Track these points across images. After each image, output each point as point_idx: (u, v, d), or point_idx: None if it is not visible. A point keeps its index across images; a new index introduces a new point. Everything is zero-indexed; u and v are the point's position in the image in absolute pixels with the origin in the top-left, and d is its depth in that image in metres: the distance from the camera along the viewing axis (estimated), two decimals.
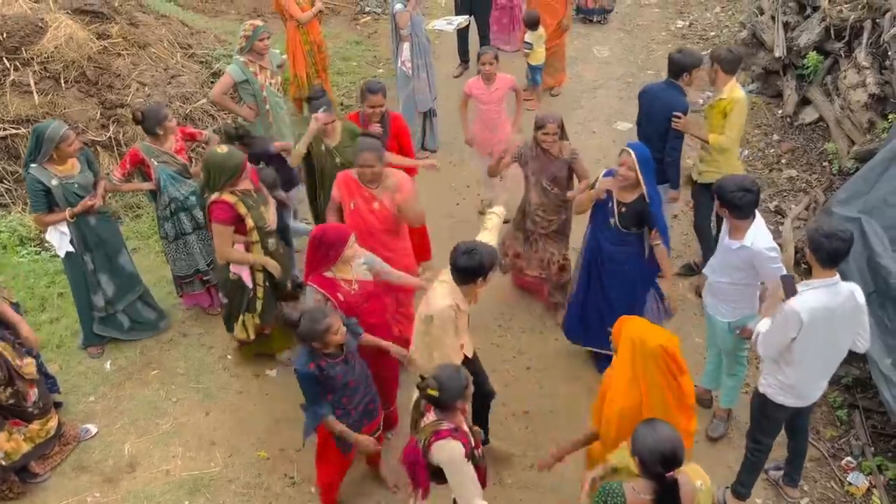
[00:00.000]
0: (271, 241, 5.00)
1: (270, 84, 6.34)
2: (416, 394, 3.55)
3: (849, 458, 4.78)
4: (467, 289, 3.94)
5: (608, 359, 5.19)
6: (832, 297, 3.69)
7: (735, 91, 5.31)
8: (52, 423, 4.79)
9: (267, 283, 5.06)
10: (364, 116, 5.57)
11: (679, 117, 5.30)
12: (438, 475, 3.39)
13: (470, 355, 4.33)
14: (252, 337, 5.24)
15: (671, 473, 2.92)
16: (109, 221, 5.43)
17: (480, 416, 4.60)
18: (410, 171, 5.51)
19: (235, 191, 4.77)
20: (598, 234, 4.99)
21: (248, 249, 4.91)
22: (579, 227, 5.45)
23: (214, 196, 4.75)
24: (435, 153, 7.76)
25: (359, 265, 4.32)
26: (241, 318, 5.15)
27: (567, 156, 5.26)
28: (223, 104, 6.43)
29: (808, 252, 3.70)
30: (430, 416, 3.41)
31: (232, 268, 4.95)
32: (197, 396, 5.35)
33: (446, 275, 3.98)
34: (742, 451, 4.52)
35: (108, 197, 6.76)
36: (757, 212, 4.22)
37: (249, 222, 4.80)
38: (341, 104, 8.54)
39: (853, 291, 3.75)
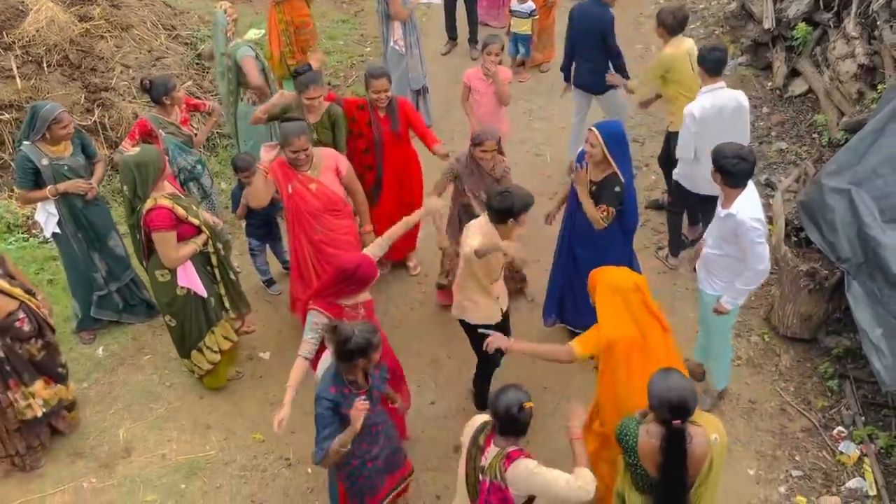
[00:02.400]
0: (217, 241, 4.88)
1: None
2: (470, 430, 3.39)
3: (840, 428, 4.83)
4: (503, 228, 4.18)
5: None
6: (717, 99, 5.01)
7: (665, 48, 5.64)
8: (73, 389, 4.88)
9: (228, 275, 5.00)
10: (371, 104, 5.39)
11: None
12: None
13: (504, 308, 4.62)
14: (217, 360, 5.06)
15: (678, 421, 3.00)
16: (99, 205, 5.38)
17: (483, 385, 4.94)
18: (433, 139, 5.54)
19: (166, 195, 4.59)
20: (575, 212, 4.97)
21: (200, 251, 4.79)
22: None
23: (148, 204, 4.50)
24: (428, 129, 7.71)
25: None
26: (201, 343, 4.96)
27: (499, 174, 5.09)
28: (264, 89, 6.17)
29: (697, 66, 4.85)
30: (490, 450, 3.24)
31: (180, 280, 4.69)
32: (190, 380, 5.34)
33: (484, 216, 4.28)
34: (736, 424, 4.57)
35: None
36: (752, 183, 4.21)
37: (194, 220, 4.66)
38: (329, 83, 8.46)
39: (737, 96, 5.09)
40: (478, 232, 4.23)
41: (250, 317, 5.56)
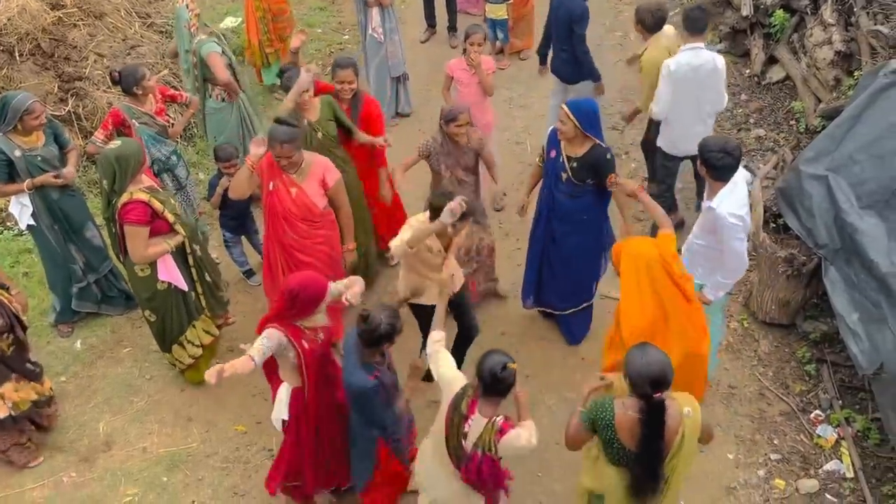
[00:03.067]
0: (192, 236, 4.82)
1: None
2: (444, 400, 3.51)
3: (817, 412, 4.90)
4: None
5: (576, 326, 5.34)
6: (696, 58, 5.24)
7: (650, 50, 5.64)
8: (48, 385, 4.78)
9: (207, 278, 4.94)
10: (335, 94, 5.29)
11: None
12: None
13: (456, 289, 4.62)
14: (199, 354, 5.04)
15: (658, 394, 3.05)
16: (74, 195, 5.30)
17: (461, 351, 4.88)
18: (380, 153, 5.43)
19: (143, 188, 4.53)
20: (553, 190, 4.92)
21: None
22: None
23: (124, 197, 4.44)
24: (409, 117, 7.69)
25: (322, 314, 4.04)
26: (182, 337, 4.92)
27: (475, 144, 5.10)
28: (233, 85, 6.09)
29: (682, 24, 5.05)
30: (475, 418, 3.35)
31: (160, 274, 4.65)
32: (171, 373, 5.30)
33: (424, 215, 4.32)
34: (716, 409, 4.60)
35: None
36: (742, 179, 4.20)
37: (169, 216, 4.59)
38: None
39: (714, 57, 5.30)
40: (410, 226, 4.28)
41: (230, 308, 5.52)
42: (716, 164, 4.11)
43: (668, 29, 5.76)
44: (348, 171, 5.15)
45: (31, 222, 5.13)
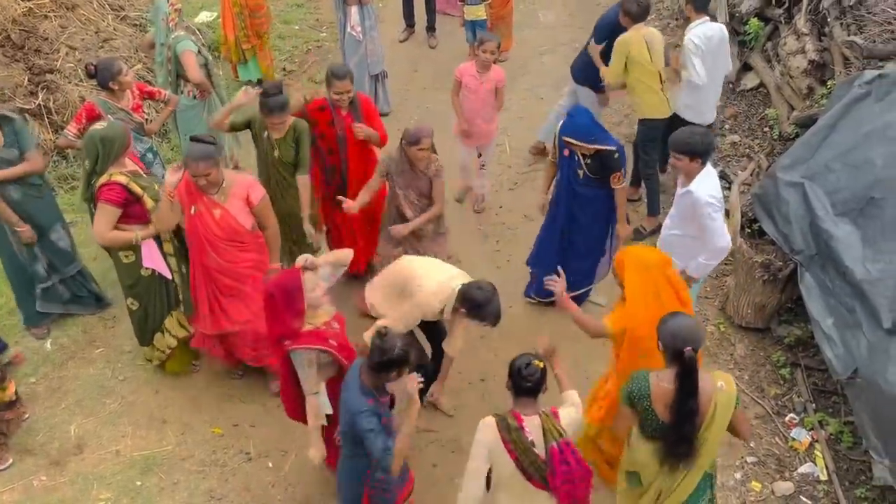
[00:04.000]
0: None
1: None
2: (487, 435, 3.41)
3: (792, 415, 4.97)
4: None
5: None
6: (709, 29, 5.68)
7: (630, 31, 5.76)
8: (12, 390, 4.65)
9: (183, 270, 4.82)
10: (332, 104, 5.18)
11: None
12: None
13: None
14: (174, 345, 4.96)
15: (689, 349, 3.19)
16: (41, 197, 5.10)
17: (435, 374, 4.84)
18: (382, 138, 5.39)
19: (125, 171, 4.50)
20: (571, 183, 5.16)
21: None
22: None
23: (104, 179, 4.43)
24: (387, 116, 7.65)
25: (323, 302, 3.91)
26: (163, 325, 4.87)
27: (432, 173, 5.00)
28: (205, 85, 6.01)
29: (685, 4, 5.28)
30: (528, 422, 3.34)
31: (145, 261, 4.62)
32: (145, 374, 5.20)
33: None
34: None
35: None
36: (710, 165, 4.41)
37: (148, 202, 4.53)
38: (283, 69, 8.32)
39: (721, 27, 5.84)
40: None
41: None
42: (702, 150, 4.29)
43: (656, 32, 5.88)
44: (292, 196, 5.12)
45: None
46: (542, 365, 3.35)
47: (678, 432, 3.27)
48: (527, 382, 3.34)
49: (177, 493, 4.56)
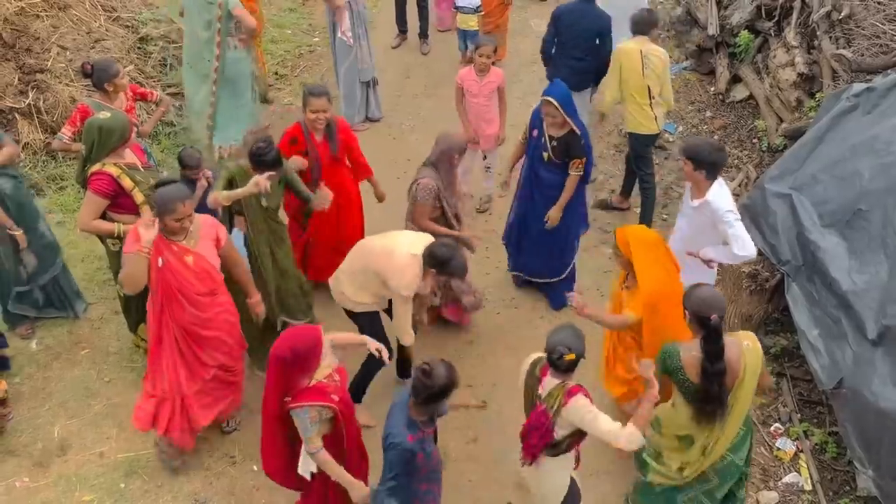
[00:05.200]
0: None
1: None
2: (526, 366, 3.70)
3: (777, 425, 4.99)
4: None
5: (557, 293, 5.63)
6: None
7: (632, 41, 5.81)
8: (3, 387, 4.65)
9: None
10: (307, 125, 4.99)
11: None
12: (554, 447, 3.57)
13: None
14: None
15: (715, 316, 3.38)
16: (22, 187, 5.07)
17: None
18: (366, 170, 5.42)
19: (120, 164, 4.48)
20: (535, 165, 5.31)
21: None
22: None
23: (96, 167, 4.43)
24: (378, 122, 7.65)
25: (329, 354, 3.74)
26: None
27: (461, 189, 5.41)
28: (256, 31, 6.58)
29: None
30: (547, 380, 3.54)
31: (125, 248, 4.47)
32: (130, 376, 5.16)
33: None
34: None
35: (28, 167, 6.48)
36: (722, 181, 4.49)
37: (139, 196, 4.49)
38: (276, 73, 8.31)
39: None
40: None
41: None
42: (716, 160, 4.39)
43: (658, 50, 5.83)
44: (286, 242, 4.97)
45: None
46: (573, 357, 3.43)
47: (708, 393, 3.49)
48: (560, 366, 3.45)
49: (160, 496, 4.53)
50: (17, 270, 5.18)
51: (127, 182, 4.47)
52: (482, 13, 7.83)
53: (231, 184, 4.60)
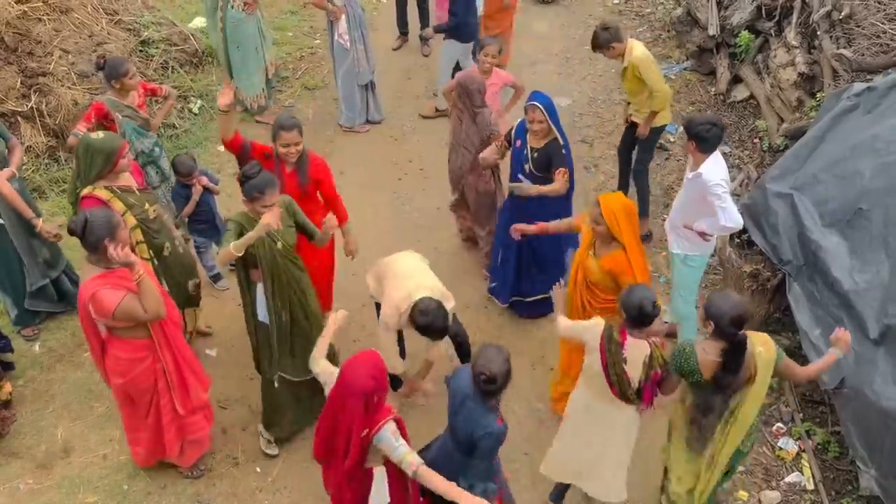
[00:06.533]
0: (161, 242, 4.58)
1: None
2: (597, 331, 3.77)
3: (779, 425, 4.99)
4: None
5: (538, 306, 5.59)
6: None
7: (634, 51, 5.67)
8: (8, 389, 4.65)
9: (164, 286, 4.60)
10: (279, 158, 4.66)
11: None
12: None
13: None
14: None
15: (741, 332, 3.42)
16: (25, 195, 5.09)
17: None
18: (341, 213, 4.95)
19: (112, 186, 4.39)
20: (517, 174, 5.21)
21: (132, 250, 4.26)
22: None
23: (86, 190, 4.33)
24: (380, 124, 7.67)
25: None
26: None
27: (493, 118, 5.41)
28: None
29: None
30: (630, 342, 3.68)
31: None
32: None
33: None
34: None
35: (31, 170, 6.51)
36: (719, 154, 4.57)
37: (131, 220, 4.34)
38: (277, 75, 8.31)
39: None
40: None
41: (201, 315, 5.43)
42: (705, 135, 4.46)
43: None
44: (304, 277, 4.50)
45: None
46: (661, 304, 3.60)
47: (718, 388, 3.59)
48: (646, 319, 3.61)
49: (163, 498, 4.54)
50: (35, 263, 5.22)
51: (118, 206, 4.33)
52: (487, 12, 7.82)
53: (241, 235, 4.19)
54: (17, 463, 4.68)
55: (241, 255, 4.12)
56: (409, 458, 3.40)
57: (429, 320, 4.18)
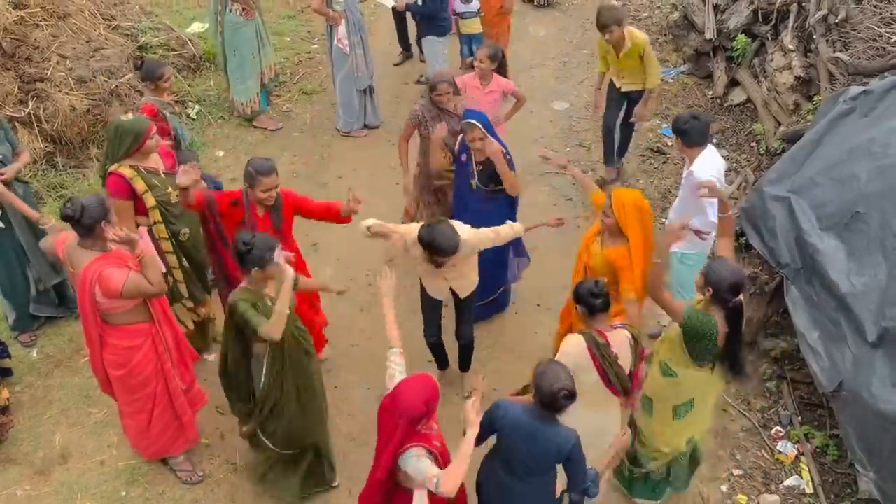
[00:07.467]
0: (179, 228, 4.65)
1: None
2: (579, 349, 3.75)
3: (778, 428, 5.00)
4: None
5: (484, 309, 5.54)
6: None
7: (635, 36, 6.04)
8: (5, 395, 4.67)
9: (185, 264, 4.85)
10: (249, 204, 4.48)
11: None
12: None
13: (460, 293, 4.77)
14: (191, 326, 5.00)
15: (737, 299, 3.63)
16: (29, 200, 5.13)
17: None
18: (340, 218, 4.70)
19: (138, 166, 4.54)
20: (464, 195, 5.28)
21: (150, 231, 4.62)
22: None
23: (113, 167, 4.53)
24: (378, 129, 7.67)
25: None
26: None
27: (461, 111, 5.34)
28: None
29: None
30: (610, 336, 3.80)
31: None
32: None
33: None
34: None
35: (28, 175, 6.50)
36: (712, 147, 4.68)
37: (150, 200, 4.53)
38: (275, 80, 8.32)
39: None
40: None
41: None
42: (684, 128, 4.64)
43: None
44: (306, 363, 4.26)
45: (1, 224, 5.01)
46: (607, 281, 3.72)
47: (734, 359, 3.79)
48: (599, 298, 3.72)
49: (162, 503, 4.55)
50: (41, 264, 5.23)
51: (139, 185, 4.50)
52: (482, 14, 7.83)
53: (256, 308, 3.93)
54: (14, 469, 4.68)
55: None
56: (430, 472, 3.27)
57: (433, 234, 4.18)
